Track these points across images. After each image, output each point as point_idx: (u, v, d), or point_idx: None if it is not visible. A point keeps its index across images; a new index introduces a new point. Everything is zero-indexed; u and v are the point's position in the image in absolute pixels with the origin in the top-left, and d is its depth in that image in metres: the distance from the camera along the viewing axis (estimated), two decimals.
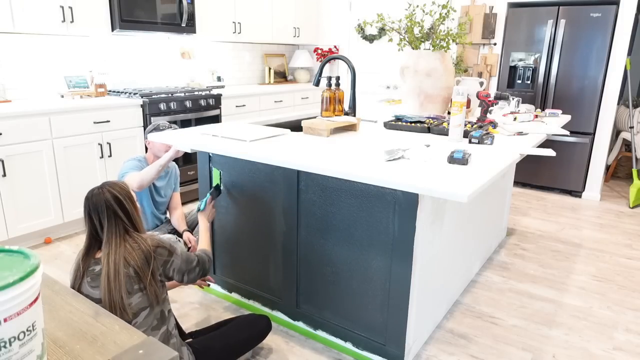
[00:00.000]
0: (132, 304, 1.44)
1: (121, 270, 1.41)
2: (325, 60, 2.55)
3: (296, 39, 5.38)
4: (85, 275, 1.47)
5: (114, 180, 1.51)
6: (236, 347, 1.85)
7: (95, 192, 1.47)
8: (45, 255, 2.97)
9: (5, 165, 2.82)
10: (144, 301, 1.46)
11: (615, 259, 3.10)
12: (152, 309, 1.49)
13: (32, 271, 0.57)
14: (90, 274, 1.47)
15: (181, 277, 1.61)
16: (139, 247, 1.46)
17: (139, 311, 1.46)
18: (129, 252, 1.44)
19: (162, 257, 1.51)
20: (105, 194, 1.46)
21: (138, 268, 1.44)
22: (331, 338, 2.11)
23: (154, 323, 1.51)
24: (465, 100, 2.15)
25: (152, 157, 2.78)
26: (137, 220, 1.51)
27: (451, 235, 2.23)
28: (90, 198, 1.47)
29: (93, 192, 1.47)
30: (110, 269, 1.41)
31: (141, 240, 1.48)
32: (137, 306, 1.45)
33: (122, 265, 1.42)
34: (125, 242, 1.45)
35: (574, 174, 4.40)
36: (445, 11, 2.71)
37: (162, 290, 1.54)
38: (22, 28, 3.02)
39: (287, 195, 2.09)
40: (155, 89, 3.90)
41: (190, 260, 1.64)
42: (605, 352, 2.12)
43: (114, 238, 1.44)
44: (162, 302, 1.54)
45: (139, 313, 1.46)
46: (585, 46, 4.12)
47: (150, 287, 1.46)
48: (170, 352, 0.67)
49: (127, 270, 1.43)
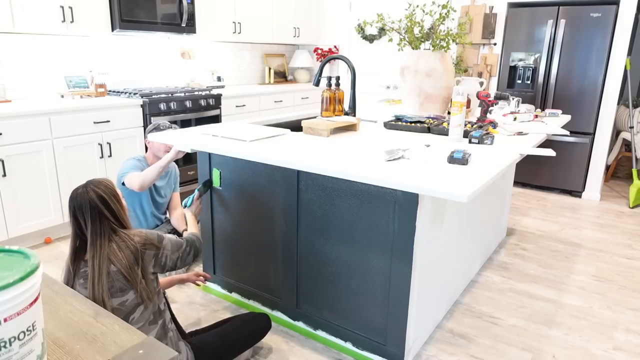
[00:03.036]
0: (127, 301, 1.44)
1: (104, 273, 1.40)
2: (325, 60, 2.55)
3: (296, 39, 5.38)
4: (76, 277, 1.46)
5: (98, 178, 1.49)
6: (235, 344, 1.85)
7: (79, 191, 1.44)
8: (45, 255, 2.97)
9: (5, 165, 2.82)
10: (138, 297, 1.46)
11: (615, 259, 3.10)
12: (147, 304, 1.50)
13: (32, 271, 0.57)
14: (82, 275, 1.45)
15: (174, 263, 1.59)
16: (126, 245, 1.44)
17: (135, 307, 1.47)
18: (114, 253, 1.42)
19: (151, 251, 1.50)
20: (90, 193, 1.43)
21: (125, 267, 1.42)
22: (331, 338, 2.11)
23: (151, 318, 1.52)
24: (465, 100, 2.15)
25: (152, 157, 2.78)
26: (123, 218, 1.49)
27: (451, 235, 2.23)
28: (75, 198, 1.43)
29: (77, 192, 1.44)
30: (95, 271, 1.39)
31: (128, 238, 1.46)
32: (131, 303, 1.45)
33: (106, 266, 1.40)
34: (111, 242, 1.43)
35: (574, 174, 4.40)
36: (445, 11, 2.71)
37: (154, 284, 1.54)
38: (22, 28, 3.02)
39: (287, 195, 2.09)
40: (155, 89, 3.90)
41: (180, 244, 1.62)
42: (605, 352, 2.12)
43: (99, 239, 1.42)
44: (155, 297, 1.54)
45: (135, 309, 1.47)
46: (585, 46, 4.12)
47: (140, 285, 1.46)
48: (170, 352, 0.67)
49: (116, 269, 1.42)
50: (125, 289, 1.44)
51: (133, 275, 1.44)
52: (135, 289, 1.45)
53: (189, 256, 1.67)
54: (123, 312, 1.45)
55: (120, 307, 1.45)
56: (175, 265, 1.62)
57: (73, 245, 1.46)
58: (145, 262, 1.48)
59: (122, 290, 1.43)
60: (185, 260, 1.65)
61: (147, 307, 1.50)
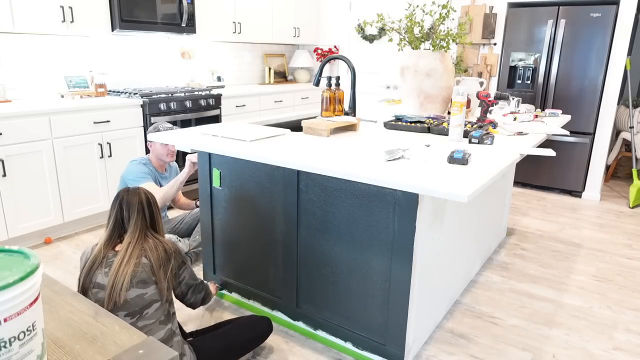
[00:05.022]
0: (146, 295, 1.53)
1: (132, 261, 1.52)
2: (325, 60, 2.55)
3: (296, 39, 5.38)
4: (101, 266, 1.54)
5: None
6: (237, 348, 1.86)
7: (132, 189, 1.65)
8: (45, 255, 2.97)
9: (5, 165, 2.82)
10: (157, 294, 1.55)
11: (615, 259, 3.10)
12: (162, 304, 1.57)
13: (32, 271, 0.57)
14: (108, 264, 1.55)
15: (187, 290, 1.74)
16: (162, 245, 1.59)
17: (151, 303, 1.54)
18: (150, 247, 1.56)
19: (178, 260, 1.66)
20: (141, 194, 1.64)
21: (157, 261, 1.55)
22: (331, 338, 2.11)
23: (162, 318, 1.58)
24: (465, 100, 2.15)
25: (155, 159, 2.79)
26: (159, 224, 1.67)
27: (451, 235, 2.23)
28: (127, 191, 1.64)
29: (130, 189, 1.65)
30: (125, 257, 1.52)
31: (164, 241, 1.62)
32: (150, 297, 1.54)
33: (137, 256, 1.53)
34: (148, 237, 1.59)
35: (574, 174, 4.40)
36: (445, 11, 2.71)
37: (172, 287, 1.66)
38: (22, 28, 3.02)
39: (287, 195, 2.09)
40: (155, 89, 3.90)
41: (196, 277, 1.79)
42: (605, 352, 2.12)
43: (138, 231, 1.59)
44: (170, 300, 1.63)
45: (151, 305, 1.54)
46: (585, 46, 4.12)
47: (163, 282, 1.57)
48: (170, 352, 0.67)
49: (147, 262, 1.54)
50: (149, 282, 1.53)
51: (160, 272, 1.56)
52: (157, 285, 1.55)
53: (200, 295, 1.81)
54: (139, 304, 1.52)
55: (137, 300, 1.51)
56: (186, 293, 1.75)
57: (110, 234, 1.60)
58: (174, 265, 1.63)
59: (145, 282, 1.52)
60: (195, 296, 1.78)
61: (162, 305, 1.58)
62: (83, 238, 3.24)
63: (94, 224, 3.46)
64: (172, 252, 1.62)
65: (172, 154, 2.76)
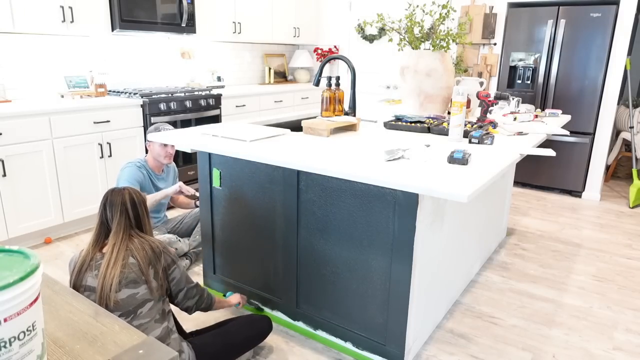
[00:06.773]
0: (138, 294, 1.52)
1: (119, 262, 1.50)
2: (325, 60, 2.55)
3: (296, 39, 5.38)
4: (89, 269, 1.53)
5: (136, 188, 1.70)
6: (236, 346, 1.86)
7: (117, 189, 1.64)
8: (45, 255, 2.97)
9: (5, 165, 2.82)
10: (148, 294, 1.54)
11: (615, 259, 3.10)
12: (156, 302, 1.57)
13: (32, 271, 0.57)
14: (97, 267, 1.53)
15: (177, 291, 1.67)
16: (148, 244, 1.56)
17: (144, 302, 1.53)
18: (136, 246, 1.54)
19: (168, 259, 1.62)
20: (125, 194, 1.61)
21: (144, 260, 1.53)
22: (331, 338, 2.11)
23: (157, 316, 1.57)
24: (465, 100, 2.15)
25: (152, 159, 2.79)
26: (146, 224, 1.65)
27: (451, 235, 2.23)
28: (111, 191, 1.63)
29: (115, 189, 1.64)
30: (111, 259, 1.51)
31: (150, 240, 1.59)
32: (142, 296, 1.53)
33: (123, 257, 1.51)
34: (133, 237, 1.57)
35: (574, 174, 4.40)
36: (445, 11, 2.71)
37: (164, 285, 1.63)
38: (22, 28, 3.02)
39: (287, 195, 2.09)
40: (155, 89, 3.90)
41: (190, 280, 1.73)
42: (605, 352, 2.12)
43: (122, 231, 1.57)
44: (164, 299, 1.62)
45: (144, 304, 1.54)
46: (585, 46, 4.12)
47: (153, 281, 1.55)
48: (170, 352, 0.67)
49: (134, 262, 1.52)
50: (139, 282, 1.52)
51: (150, 271, 1.54)
52: (147, 284, 1.53)
53: (192, 300, 1.73)
54: (132, 304, 1.51)
55: (129, 300, 1.50)
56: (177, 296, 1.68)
57: (96, 235, 1.60)
58: (165, 264, 1.60)
59: (135, 282, 1.51)
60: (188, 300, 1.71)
61: (156, 304, 1.57)
62: (83, 238, 3.24)
63: (94, 224, 3.44)
64: (160, 250, 1.59)
65: (169, 156, 2.76)
